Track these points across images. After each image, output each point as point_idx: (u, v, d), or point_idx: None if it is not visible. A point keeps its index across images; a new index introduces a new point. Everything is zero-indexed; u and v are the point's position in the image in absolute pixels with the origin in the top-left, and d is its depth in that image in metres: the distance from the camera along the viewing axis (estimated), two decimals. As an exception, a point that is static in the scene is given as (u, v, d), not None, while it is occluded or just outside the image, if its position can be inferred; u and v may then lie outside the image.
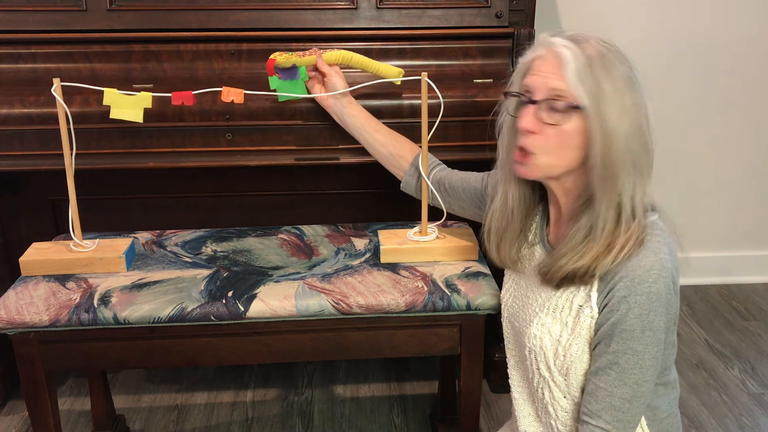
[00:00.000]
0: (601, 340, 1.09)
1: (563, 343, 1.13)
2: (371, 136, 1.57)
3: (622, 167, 1.06)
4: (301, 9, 1.77)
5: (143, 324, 1.39)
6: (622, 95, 1.06)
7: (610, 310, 1.07)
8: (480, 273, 1.51)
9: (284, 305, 1.40)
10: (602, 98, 1.05)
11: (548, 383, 1.17)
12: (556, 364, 1.15)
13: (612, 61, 1.07)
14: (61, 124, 1.45)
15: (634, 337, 1.05)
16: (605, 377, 1.08)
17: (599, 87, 1.05)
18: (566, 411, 1.17)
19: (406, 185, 1.58)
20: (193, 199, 2.01)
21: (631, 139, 1.06)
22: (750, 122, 2.53)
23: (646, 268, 1.05)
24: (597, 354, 1.10)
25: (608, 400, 1.08)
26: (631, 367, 1.06)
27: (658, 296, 1.05)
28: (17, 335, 1.41)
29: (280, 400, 2.05)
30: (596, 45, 1.08)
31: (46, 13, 1.72)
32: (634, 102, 1.07)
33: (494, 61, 1.80)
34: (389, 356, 1.56)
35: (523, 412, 1.27)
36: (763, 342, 2.34)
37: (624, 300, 1.05)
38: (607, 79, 1.05)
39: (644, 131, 1.08)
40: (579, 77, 1.06)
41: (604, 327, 1.08)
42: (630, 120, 1.06)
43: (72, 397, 2.06)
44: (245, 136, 1.68)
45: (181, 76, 1.74)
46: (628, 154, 1.06)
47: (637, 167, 1.07)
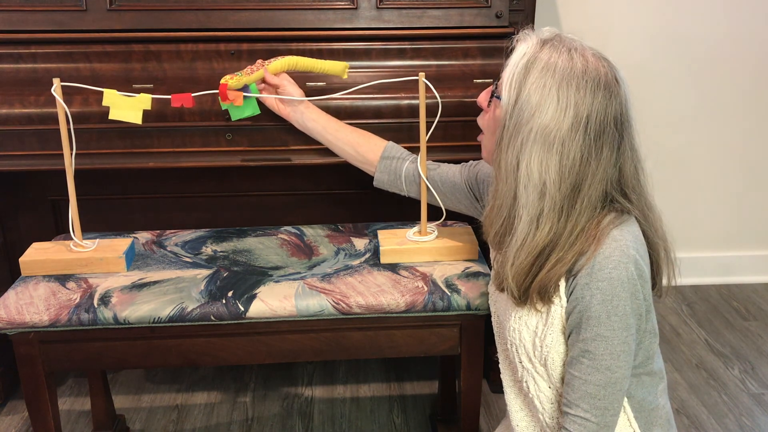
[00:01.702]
0: (572, 329, 1.10)
1: (539, 334, 1.14)
2: (334, 137, 1.56)
3: (508, 182, 1.10)
4: (301, 9, 1.77)
5: (143, 324, 1.39)
6: (542, 116, 1.05)
7: (575, 298, 1.08)
8: (480, 273, 1.51)
9: (284, 305, 1.40)
10: (518, 103, 1.07)
11: (531, 375, 1.18)
12: (535, 355, 1.16)
13: (563, 81, 1.05)
14: (61, 124, 1.45)
15: (600, 323, 1.06)
16: (579, 366, 1.09)
17: (520, 92, 1.07)
18: (552, 402, 1.18)
19: (378, 182, 1.56)
20: (193, 199, 2.01)
21: (534, 165, 1.06)
22: (750, 122, 2.53)
23: (605, 255, 1.06)
24: (570, 344, 1.12)
25: (584, 389, 1.09)
26: (601, 353, 1.07)
27: (620, 281, 1.05)
28: (17, 335, 1.41)
29: (280, 400, 2.05)
30: (563, 58, 1.07)
31: (46, 13, 1.72)
32: (561, 137, 1.05)
33: (494, 61, 1.80)
34: (389, 356, 1.56)
35: (514, 407, 1.28)
36: (763, 342, 2.34)
37: (587, 287, 1.06)
38: (536, 90, 1.06)
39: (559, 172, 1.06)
40: (511, 72, 1.09)
41: (572, 316, 1.10)
42: (541, 148, 1.06)
43: (72, 397, 2.06)
44: (245, 136, 1.68)
45: (181, 77, 1.74)
46: (525, 179, 1.07)
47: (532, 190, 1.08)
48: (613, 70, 1.09)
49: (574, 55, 1.07)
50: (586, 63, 1.06)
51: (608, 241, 1.06)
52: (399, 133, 1.70)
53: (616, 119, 1.07)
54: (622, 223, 1.09)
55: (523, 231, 1.09)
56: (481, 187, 1.43)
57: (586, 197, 1.07)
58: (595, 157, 1.06)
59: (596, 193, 1.08)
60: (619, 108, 1.07)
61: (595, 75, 1.06)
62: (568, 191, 1.07)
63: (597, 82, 1.05)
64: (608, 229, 1.07)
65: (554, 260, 1.09)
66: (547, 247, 1.09)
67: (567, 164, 1.06)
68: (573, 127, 1.05)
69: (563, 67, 1.06)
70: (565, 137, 1.05)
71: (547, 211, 1.07)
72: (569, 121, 1.05)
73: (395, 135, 1.71)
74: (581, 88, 1.05)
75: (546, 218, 1.08)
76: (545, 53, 1.08)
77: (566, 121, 1.05)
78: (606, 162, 1.07)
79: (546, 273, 1.09)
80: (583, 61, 1.06)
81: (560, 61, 1.06)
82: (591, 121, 1.05)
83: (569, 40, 1.11)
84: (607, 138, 1.06)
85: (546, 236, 1.08)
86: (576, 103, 1.05)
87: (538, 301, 1.12)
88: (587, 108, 1.05)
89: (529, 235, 1.09)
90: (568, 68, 1.06)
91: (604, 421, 1.09)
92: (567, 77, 1.05)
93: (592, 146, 1.06)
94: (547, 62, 1.06)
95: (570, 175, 1.06)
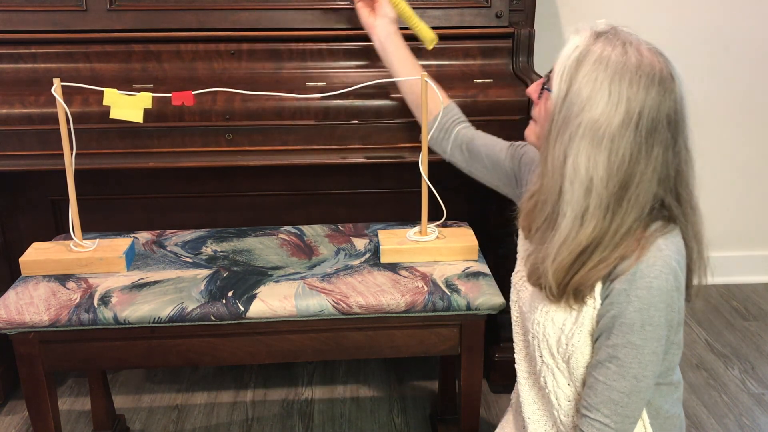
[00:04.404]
0: (601, 332, 1.08)
1: (566, 332, 1.12)
2: (409, 71, 1.52)
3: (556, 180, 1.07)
4: (301, 9, 1.77)
5: (143, 324, 1.39)
6: (592, 110, 1.02)
7: (610, 303, 1.06)
8: (480, 273, 1.51)
9: (284, 305, 1.40)
10: (568, 96, 1.04)
11: (551, 370, 1.16)
12: (558, 351, 1.13)
13: (615, 75, 1.01)
14: (61, 124, 1.45)
15: (633, 331, 1.04)
16: (604, 370, 1.07)
17: (570, 85, 1.03)
18: (569, 399, 1.16)
19: (430, 139, 1.54)
20: (193, 199, 2.01)
21: (582, 161, 1.03)
22: (750, 122, 2.53)
23: (648, 263, 1.03)
24: (597, 347, 1.09)
25: (607, 394, 1.07)
26: (630, 361, 1.05)
27: (660, 291, 1.03)
28: (17, 335, 1.41)
29: (280, 400, 2.05)
30: (617, 51, 1.03)
31: (46, 13, 1.72)
32: (611, 133, 1.01)
33: (494, 61, 1.80)
34: (389, 356, 1.56)
35: (527, 399, 1.26)
36: (763, 342, 2.34)
37: (624, 293, 1.04)
38: (587, 84, 1.02)
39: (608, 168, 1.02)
40: (562, 64, 1.05)
41: (604, 319, 1.07)
42: (590, 144, 1.02)
43: (72, 397, 2.06)
44: (245, 136, 1.68)
45: (181, 76, 1.74)
46: (572, 174, 1.04)
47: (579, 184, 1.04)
48: (669, 66, 1.04)
49: (628, 48, 1.03)
50: (641, 57, 1.02)
51: (652, 250, 1.04)
52: (399, 133, 1.70)
53: (669, 117, 1.02)
54: (667, 233, 1.06)
55: (566, 228, 1.06)
56: (523, 170, 1.38)
57: (633, 196, 1.03)
58: (645, 156, 1.02)
59: (644, 193, 1.04)
60: (673, 105, 1.03)
61: (650, 70, 1.01)
62: (616, 189, 1.03)
63: (651, 78, 1.01)
64: (654, 237, 1.05)
65: (597, 260, 1.05)
66: (591, 245, 1.05)
67: (615, 161, 1.02)
68: (624, 123, 1.01)
69: (616, 60, 1.01)
70: (615, 133, 1.01)
71: (593, 209, 1.03)
72: (620, 117, 1.01)
73: (395, 135, 1.71)
74: (634, 83, 1.00)
75: (591, 216, 1.04)
76: (598, 46, 1.04)
77: (617, 116, 1.01)
78: (656, 161, 1.03)
79: (587, 272, 1.06)
80: (638, 56, 1.02)
81: (614, 54, 1.02)
82: (643, 117, 1.01)
83: (624, 33, 1.07)
84: (658, 136, 1.02)
85: (590, 234, 1.04)
86: (628, 98, 1.00)
87: (572, 300, 1.09)
88: (639, 104, 1.01)
89: (572, 232, 1.05)
90: (621, 62, 1.01)
91: (623, 428, 1.08)
92: (620, 71, 1.01)
93: (642, 144, 1.02)
94: (600, 55, 1.03)
95: (618, 173, 1.02)
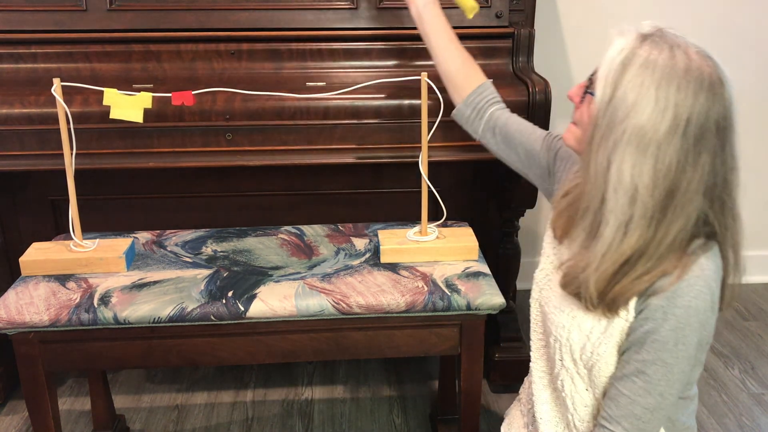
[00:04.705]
0: (631, 346, 1.05)
1: (592, 340, 1.09)
2: (445, 43, 1.48)
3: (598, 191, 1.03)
4: (301, 9, 1.77)
5: (143, 324, 1.39)
6: (637, 116, 0.97)
7: (645, 318, 1.03)
8: (480, 273, 1.51)
9: (284, 305, 1.40)
10: (612, 101, 0.99)
11: (571, 374, 1.14)
12: (581, 358, 1.11)
13: (663, 79, 0.97)
14: (61, 124, 1.45)
15: (665, 349, 1.02)
16: (630, 384, 1.05)
17: (615, 89, 0.99)
18: (586, 405, 1.14)
19: (458, 113, 1.50)
20: (193, 199, 2.01)
21: (626, 168, 0.99)
22: (750, 121, 2.53)
23: (689, 283, 1.01)
24: (625, 360, 1.06)
25: (630, 408, 1.05)
26: (658, 378, 1.03)
27: (696, 311, 1.01)
28: (17, 335, 1.41)
29: (280, 400, 2.05)
30: (664, 55, 0.98)
31: (46, 13, 1.72)
32: (657, 140, 0.97)
33: (494, 61, 1.80)
34: (389, 356, 1.56)
35: (540, 398, 1.24)
36: (763, 342, 2.34)
37: (661, 309, 1.01)
38: (633, 89, 0.98)
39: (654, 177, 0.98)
40: (607, 68, 1.01)
41: (636, 333, 1.04)
42: (635, 151, 0.98)
43: (72, 397, 2.06)
44: (245, 136, 1.68)
45: (181, 76, 1.74)
46: (616, 182, 1.00)
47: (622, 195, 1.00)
48: (718, 70, 0.99)
49: (676, 51, 0.98)
50: (689, 61, 0.97)
51: (695, 269, 1.01)
52: (399, 133, 1.70)
53: (718, 123, 0.98)
54: (708, 251, 1.04)
55: (609, 236, 1.02)
56: (558, 164, 1.33)
57: (678, 205, 1.00)
58: (692, 164, 0.98)
59: (689, 202, 1.00)
60: (722, 111, 0.98)
61: (698, 74, 0.97)
62: (661, 198, 0.99)
63: (700, 83, 0.96)
64: (696, 255, 1.02)
65: (639, 271, 1.02)
66: (634, 255, 1.02)
67: (662, 169, 0.98)
68: (671, 129, 0.96)
69: (664, 64, 0.97)
70: (661, 140, 0.97)
71: (638, 218, 1.00)
72: (667, 124, 0.96)
73: (395, 135, 1.71)
74: (682, 89, 0.96)
75: (635, 225, 1.00)
76: (645, 49, 0.99)
77: (664, 123, 0.96)
78: (703, 169, 0.99)
79: (628, 283, 1.03)
80: (686, 59, 0.97)
81: (661, 58, 0.98)
82: (691, 124, 0.96)
83: (671, 35, 1.02)
84: (706, 143, 0.98)
85: (634, 244, 1.01)
86: (676, 104, 0.96)
87: (606, 310, 1.06)
88: (688, 110, 0.96)
89: (615, 242, 1.02)
90: (669, 66, 0.97)
91: None
92: (667, 76, 0.96)
93: (690, 151, 0.97)
94: (647, 59, 0.98)
95: (664, 181, 0.98)
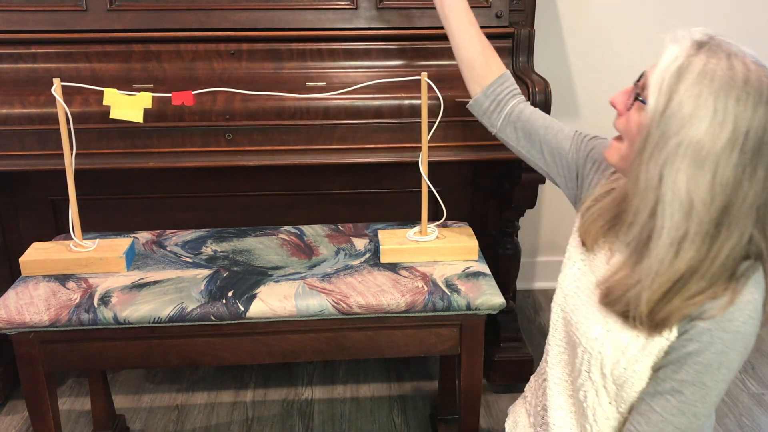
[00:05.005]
0: (668, 364, 1.02)
1: (627, 356, 1.05)
2: (466, 27, 1.41)
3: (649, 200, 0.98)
4: (301, 9, 1.77)
5: (143, 324, 1.39)
6: (694, 128, 0.93)
7: (689, 338, 1.00)
8: (480, 273, 1.51)
9: (284, 305, 1.40)
10: (667, 111, 0.95)
11: (596, 387, 1.11)
12: (613, 373, 1.07)
13: (721, 91, 0.93)
14: (61, 124, 1.45)
15: (708, 371, 0.99)
16: (664, 403, 1.02)
17: (670, 99, 0.95)
18: (608, 418, 1.11)
19: (476, 104, 1.43)
20: (193, 199, 2.01)
21: (682, 183, 0.95)
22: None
23: (738, 307, 0.98)
24: (661, 377, 1.03)
25: (660, 426, 1.03)
26: (695, 399, 1.00)
27: (743, 336, 0.98)
28: (17, 335, 1.41)
29: (280, 400, 2.05)
30: (723, 65, 0.94)
31: (46, 13, 1.72)
32: (715, 153, 0.93)
33: (494, 61, 1.80)
34: (389, 356, 1.56)
35: (555, 404, 1.21)
36: (763, 342, 2.34)
37: (708, 332, 0.98)
38: (690, 99, 0.93)
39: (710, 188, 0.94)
40: (660, 75, 0.97)
41: (677, 352, 1.01)
42: (691, 164, 0.94)
43: (72, 397, 2.06)
44: (245, 136, 1.68)
45: (181, 76, 1.74)
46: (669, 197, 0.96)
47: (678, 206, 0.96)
48: None
49: (734, 61, 0.94)
50: (748, 71, 0.94)
51: (745, 293, 0.98)
52: (399, 133, 1.70)
53: None
54: (755, 272, 1.01)
55: (661, 253, 0.98)
56: (588, 166, 1.28)
57: (733, 222, 0.96)
58: (749, 179, 0.94)
59: (744, 218, 0.96)
60: None
61: (758, 86, 0.93)
62: (717, 214, 0.95)
63: (759, 95, 0.93)
64: (745, 278, 0.99)
65: (692, 291, 0.98)
66: (686, 273, 0.98)
67: (719, 184, 0.94)
68: (729, 143, 0.93)
69: (722, 75, 0.93)
70: (720, 154, 0.93)
71: (693, 234, 0.96)
72: (726, 137, 0.92)
73: (395, 135, 1.71)
74: (742, 101, 0.92)
75: (690, 242, 0.96)
76: (701, 58, 0.95)
77: (722, 136, 0.92)
78: (758, 184, 0.95)
79: (680, 303, 0.99)
80: (745, 70, 0.93)
81: (719, 68, 0.93)
82: (749, 137, 0.93)
83: (727, 43, 0.98)
84: (763, 158, 0.94)
85: (688, 262, 0.97)
86: (735, 116, 0.92)
87: (652, 328, 1.02)
88: (747, 123, 0.92)
89: (667, 259, 0.98)
90: (727, 77, 0.93)
91: None
92: (726, 87, 0.93)
93: (747, 166, 0.94)
94: (704, 68, 0.94)
95: (721, 196, 0.95)
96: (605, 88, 2.41)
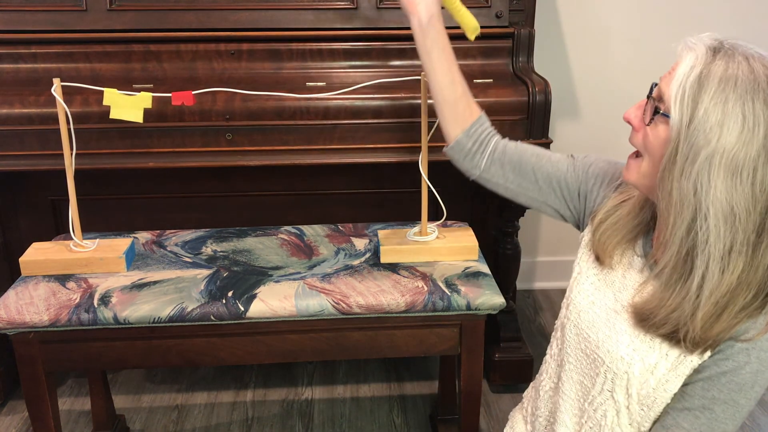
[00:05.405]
0: (698, 381, 1.00)
1: (657, 376, 1.02)
2: (449, 66, 1.27)
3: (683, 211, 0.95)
4: (301, 9, 1.77)
5: (143, 324, 1.39)
6: (725, 137, 0.90)
7: (725, 357, 0.97)
8: (480, 273, 1.51)
9: (284, 305, 1.40)
10: (693, 122, 0.92)
11: (618, 407, 1.07)
12: (640, 393, 1.04)
13: (747, 95, 0.90)
14: (61, 124, 1.45)
15: (742, 390, 0.97)
16: (692, 419, 1.00)
17: (695, 110, 0.92)
18: None
19: (457, 145, 1.28)
20: (193, 199, 2.01)
21: (721, 194, 0.92)
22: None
23: None
24: (689, 393, 1.01)
25: None
26: (725, 417, 0.98)
27: None
28: (17, 335, 1.41)
29: (280, 400, 2.05)
30: (743, 68, 0.92)
31: (46, 13, 1.73)
32: (751, 159, 0.90)
33: (494, 61, 1.80)
34: (389, 356, 1.56)
35: (563, 421, 1.17)
36: (763, 342, 2.33)
37: (745, 352, 0.96)
38: (716, 107, 0.91)
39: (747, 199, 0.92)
40: (680, 86, 0.94)
41: (709, 371, 0.99)
42: (727, 174, 0.91)
43: (72, 397, 2.06)
44: (245, 136, 1.68)
45: (181, 76, 1.74)
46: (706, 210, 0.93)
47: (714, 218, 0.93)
48: None
49: (753, 63, 0.92)
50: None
51: None
52: (399, 133, 1.70)
53: None
54: None
55: (708, 270, 0.95)
56: (591, 182, 1.22)
57: None
58: None
59: None
60: None
61: None
62: (757, 224, 0.93)
63: None
64: None
65: (740, 304, 0.96)
66: (736, 286, 0.95)
67: (759, 191, 0.92)
68: (764, 147, 0.90)
69: (745, 78, 0.91)
70: (756, 160, 0.90)
71: (739, 245, 0.93)
72: (759, 141, 0.90)
73: (395, 135, 1.71)
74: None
75: (737, 253, 0.94)
76: (719, 64, 0.92)
77: (756, 141, 0.90)
78: None
79: (729, 318, 0.96)
80: (766, 70, 0.92)
81: (740, 72, 0.91)
82: None
83: (739, 46, 0.95)
84: None
85: (738, 274, 0.94)
86: (766, 119, 0.90)
87: (695, 348, 0.99)
88: None
89: (717, 274, 0.95)
90: (750, 80, 0.90)
91: None
92: (751, 90, 0.90)
93: None
94: (724, 74, 0.91)
95: (762, 202, 0.92)
96: (605, 87, 2.43)
